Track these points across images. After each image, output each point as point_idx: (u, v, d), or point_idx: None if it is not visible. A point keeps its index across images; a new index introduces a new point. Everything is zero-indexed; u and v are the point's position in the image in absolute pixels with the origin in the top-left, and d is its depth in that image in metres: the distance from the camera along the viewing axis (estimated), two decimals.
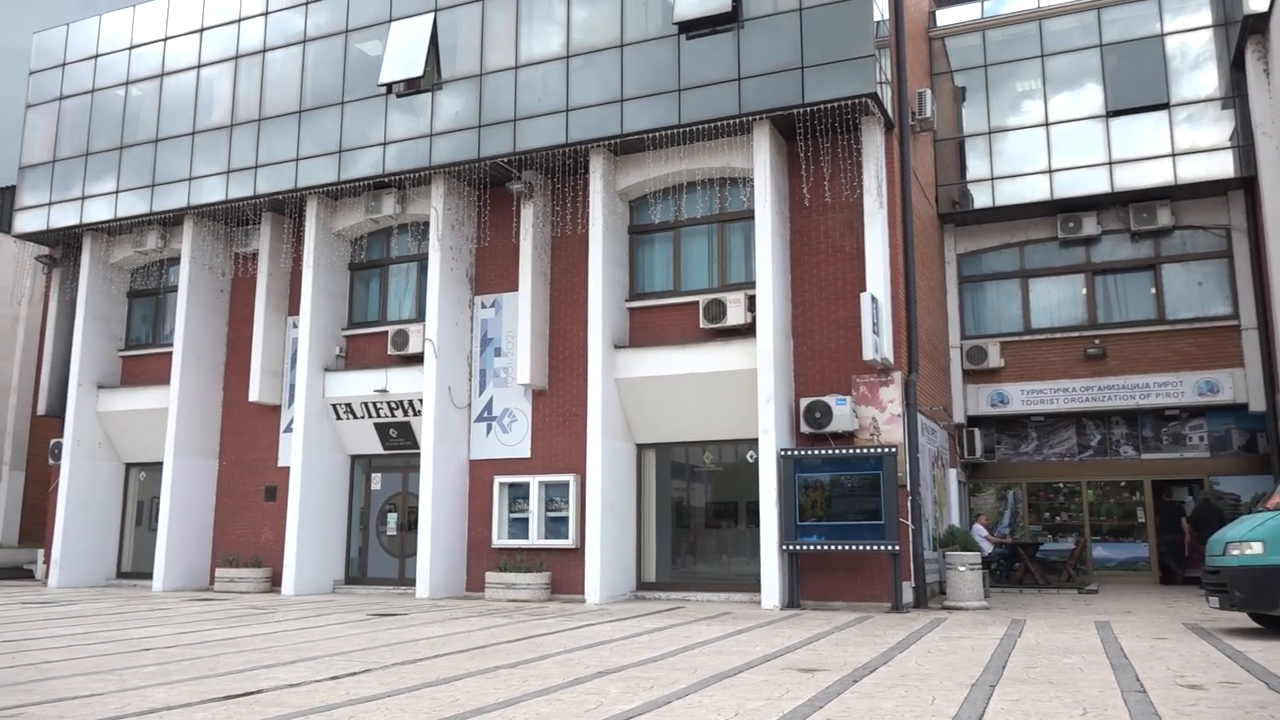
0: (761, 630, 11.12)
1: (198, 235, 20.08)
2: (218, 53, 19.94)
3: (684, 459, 17.03)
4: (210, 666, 8.13)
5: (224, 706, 6.21)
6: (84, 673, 7.80)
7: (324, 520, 18.46)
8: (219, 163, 19.40)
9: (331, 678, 7.45)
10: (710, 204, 16.83)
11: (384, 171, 17.82)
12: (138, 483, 21.48)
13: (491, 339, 18.04)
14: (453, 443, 17.52)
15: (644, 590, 16.49)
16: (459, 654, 8.97)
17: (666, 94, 15.80)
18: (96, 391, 20.97)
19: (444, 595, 16.88)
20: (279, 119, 18.97)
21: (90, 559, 20.63)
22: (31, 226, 21.41)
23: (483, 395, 17.93)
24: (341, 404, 18.71)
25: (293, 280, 19.70)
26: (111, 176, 20.52)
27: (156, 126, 20.23)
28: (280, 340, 19.59)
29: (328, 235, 19.11)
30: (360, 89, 18.26)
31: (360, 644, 9.82)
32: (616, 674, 7.65)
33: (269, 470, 19.54)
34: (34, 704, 6.28)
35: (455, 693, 6.76)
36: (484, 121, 17.11)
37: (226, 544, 19.67)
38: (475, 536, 17.57)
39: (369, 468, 19.17)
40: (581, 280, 16.97)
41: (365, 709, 6.12)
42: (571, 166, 17.14)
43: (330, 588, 18.45)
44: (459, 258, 18.07)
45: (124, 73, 20.87)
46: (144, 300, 21.85)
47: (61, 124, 21.36)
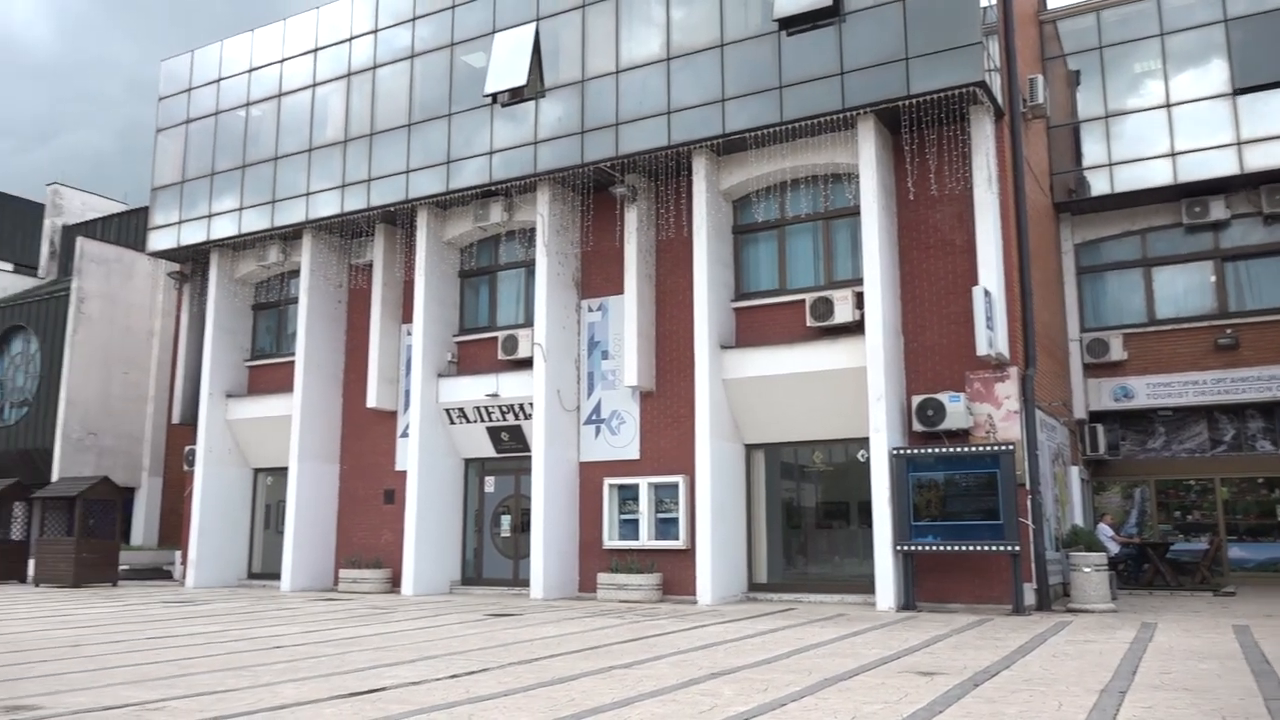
0: (877, 632, 10.94)
1: (316, 248, 20.83)
2: (331, 71, 20.65)
3: (793, 459, 16.87)
4: (336, 664, 8.42)
5: (350, 703, 6.42)
6: (220, 669, 8.17)
7: (440, 522, 18.92)
8: (334, 177, 20.09)
9: (451, 676, 7.63)
10: (815, 201, 16.64)
11: (491, 180, 18.18)
12: (265, 487, 22.40)
13: (598, 342, 18.20)
14: (563, 445, 17.74)
15: (755, 591, 16.41)
16: (574, 654, 9.08)
17: (768, 92, 15.70)
18: (225, 400, 21.95)
19: (557, 596, 17.11)
20: (389, 133, 19.53)
21: (223, 560, 21.60)
22: (163, 244, 22.55)
23: (591, 398, 18.11)
24: (455, 408, 19.14)
25: (406, 289, 20.25)
26: (235, 194, 21.46)
27: (275, 145, 21.07)
28: (395, 348, 20.17)
29: (438, 244, 19.59)
30: (466, 100, 18.66)
31: (477, 643, 10.03)
32: (730, 675, 7.63)
33: (387, 474, 20.13)
34: (176, 698, 6.61)
35: (571, 692, 6.84)
36: (587, 127, 17.29)
37: (348, 546, 20.34)
38: (586, 538, 17.75)
39: (482, 471, 19.56)
40: (686, 281, 16.99)
41: (484, 707, 6.25)
42: (674, 168, 17.18)
43: (448, 588, 18.90)
44: (565, 262, 18.30)
45: (244, 94, 21.80)
46: (267, 312, 22.77)
47: (189, 146, 22.44)
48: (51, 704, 6.38)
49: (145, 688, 7.11)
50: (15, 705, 6.33)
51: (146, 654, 9.29)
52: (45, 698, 6.64)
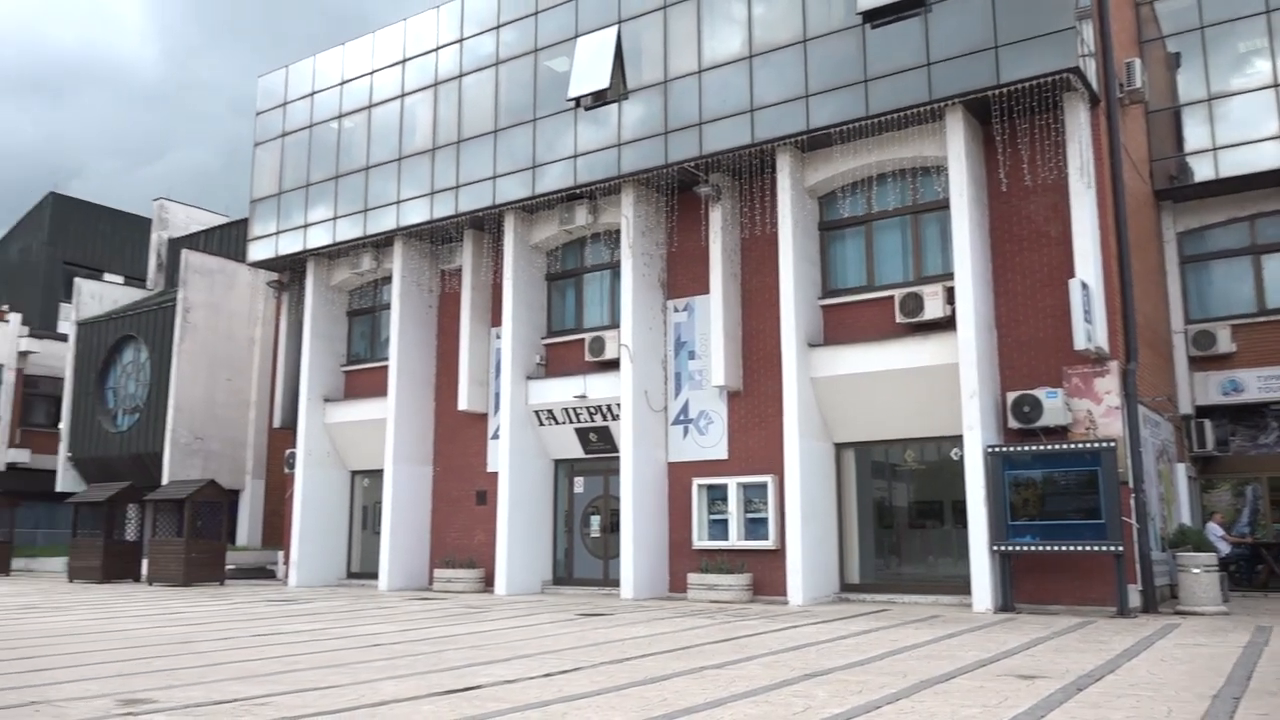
0: (974, 634, 10.71)
1: (407, 255, 21.29)
2: (418, 81, 21.08)
3: (884, 458, 16.62)
4: (433, 662, 8.59)
5: (447, 700, 6.54)
6: (322, 666, 8.41)
7: (531, 523, 19.15)
8: (423, 185, 20.51)
9: (544, 675, 7.72)
10: (902, 195, 16.37)
11: (575, 183, 18.33)
12: (362, 489, 22.97)
13: (685, 342, 18.21)
14: (651, 445, 17.79)
15: (847, 592, 16.21)
16: (665, 654, 9.10)
17: (852, 86, 15.50)
18: (323, 404, 22.58)
19: (647, 596, 17.16)
20: (476, 139, 19.85)
21: (323, 560, 22.23)
22: (262, 255, 23.32)
23: (678, 398, 18.13)
24: (543, 410, 19.35)
25: (494, 293, 20.55)
26: (329, 204, 22.07)
27: (367, 155, 21.60)
28: (485, 351, 20.49)
29: (525, 248, 19.83)
30: (550, 105, 18.85)
31: (569, 643, 10.12)
32: (823, 677, 7.56)
33: (479, 475, 20.46)
34: (281, 693, 6.83)
35: (663, 692, 6.86)
36: (670, 127, 17.31)
37: (442, 546, 20.73)
38: (676, 538, 17.77)
39: (571, 471, 19.74)
40: (773, 279, 16.87)
41: (577, 706, 6.31)
42: (758, 166, 17.08)
43: (539, 588, 19.11)
44: (650, 263, 18.34)
45: (336, 107, 22.40)
46: (361, 318, 23.36)
47: (285, 159, 23.15)
48: (165, 698, 6.65)
49: (252, 683, 7.36)
50: (132, 698, 6.62)
51: (252, 651, 9.62)
52: (160, 692, 6.93)
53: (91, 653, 9.53)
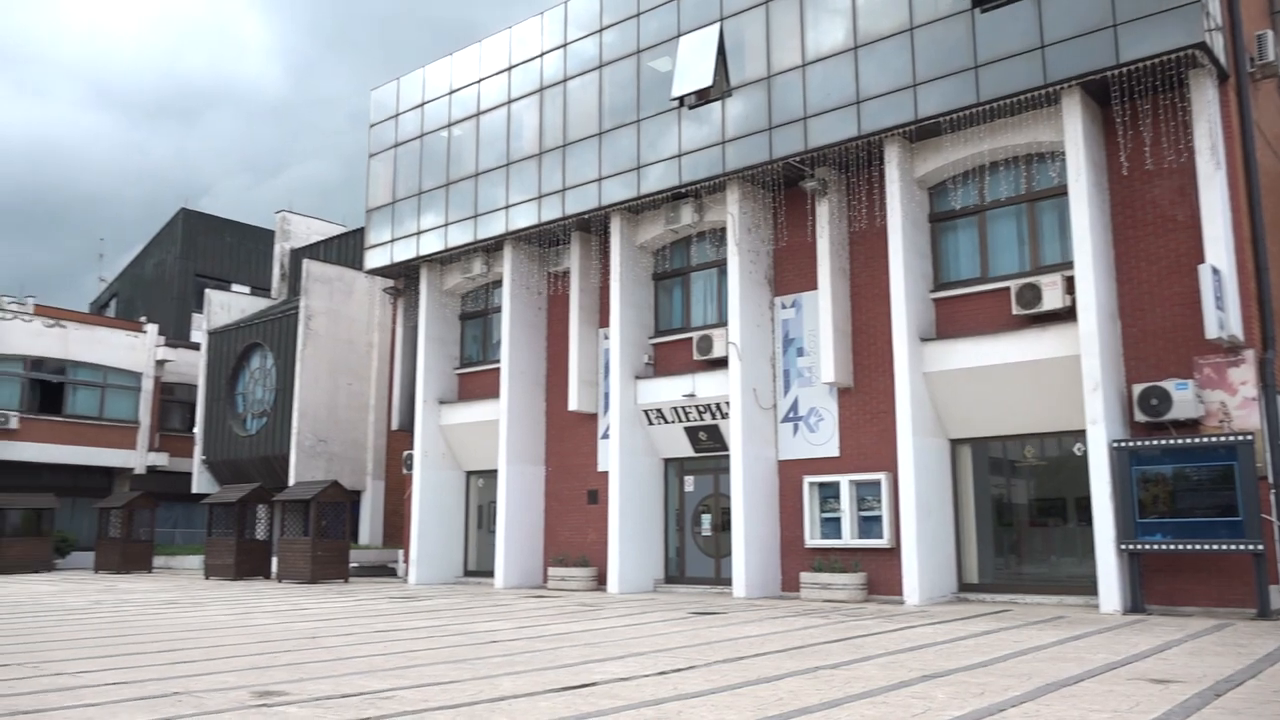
0: (1101, 636, 10.32)
1: (516, 259, 21.67)
2: (524, 87, 21.42)
3: (1001, 454, 16.16)
4: (549, 659, 8.72)
5: (563, 697, 6.64)
6: (442, 661, 8.63)
7: (642, 522, 19.27)
8: (530, 189, 20.84)
9: (658, 673, 7.76)
10: (1017, 183, 15.89)
11: (680, 182, 18.36)
12: (476, 489, 23.48)
13: (793, 339, 18.05)
14: (760, 444, 17.69)
15: (966, 592, 15.82)
16: (778, 653, 9.04)
17: (962, 73, 15.11)
18: (439, 407, 23.16)
19: (759, 595, 17.08)
20: (581, 142, 20.06)
21: (441, 558, 22.80)
22: (378, 262, 24.06)
23: (788, 395, 17.98)
24: (653, 409, 19.44)
25: (602, 294, 20.74)
26: (440, 211, 22.63)
27: (476, 161, 22.06)
28: (594, 352, 20.70)
29: (631, 249, 19.96)
30: (653, 105, 18.92)
31: (682, 641, 10.15)
32: (943, 678, 7.40)
33: (590, 475, 20.68)
34: (404, 688, 7.04)
35: (778, 692, 6.82)
36: (774, 123, 17.18)
37: (556, 545, 21.03)
38: (788, 536, 17.63)
39: (681, 470, 19.78)
40: (882, 273, 16.59)
41: (692, 704, 6.32)
42: (865, 158, 16.81)
43: (651, 586, 19.21)
44: (757, 260, 18.25)
45: (446, 116, 22.94)
46: (474, 322, 23.87)
47: (398, 169, 23.83)
48: (296, 691, 6.93)
49: (376, 677, 7.61)
50: (266, 690, 6.92)
51: (376, 646, 9.94)
52: (291, 684, 7.22)
53: (227, 646, 9.99)
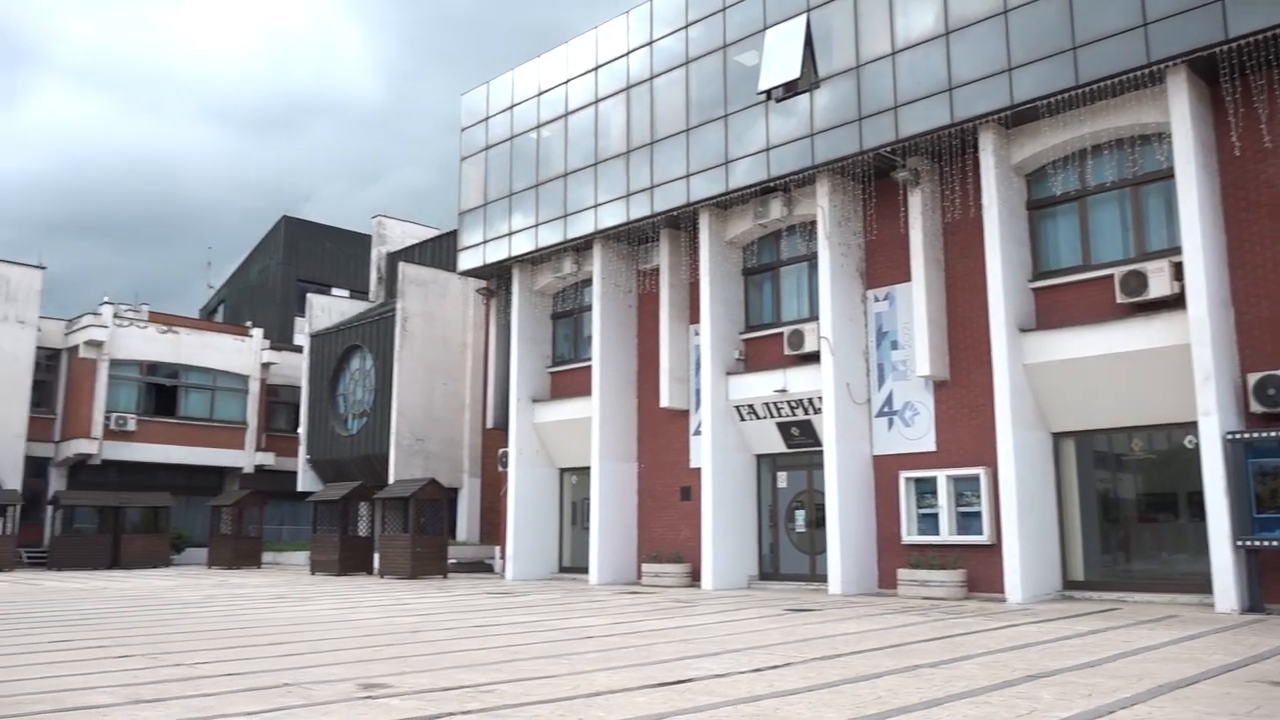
0: (1217, 636, 9.91)
1: (606, 257, 21.81)
2: (611, 86, 21.54)
3: (1107, 447, 15.65)
4: (644, 655, 8.77)
5: (660, 693, 6.67)
6: (539, 656, 8.75)
7: (735, 518, 19.21)
8: (619, 188, 20.94)
9: (754, 670, 7.74)
10: (1119, 167, 15.34)
11: (769, 176, 18.23)
12: (570, 486, 23.72)
13: (887, 332, 17.77)
14: (854, 439, 17.47)
15: (1071, 589, 15.35)
16: (876, 651, 8.92)
17: (1059, 55, 14.65)
18: (532, 405, 23.46)
19: (855, 592, 16.87)
20: (668, 139, 20.08)
21: (536, 554, 23.11)
22: (471, 264, 24.48)
23: (882, 390, 17.71)
24: (744, 405, 19.36)
25: (691, 290, 20.73)
26: (531, 212, 22.91)
27: (565, 161, 22.27)
28: (684, 348, 20.71)
29: (720, 244, 19.90)
30: (740, 99, 18.83)
31: (778, 638, 10.09)
32: (1048, 678, 7.20)
33: (682, 471, 20.70)
34: (503, 682, 7.16)
35: (876, 690, 6.73)
36: (864, 113, 16.93)
37: (649, 541, 21.11)
38: (884, 532, 17.38)
39: (774, 466, 19.65)
40: (978, 264, 16.20)
41: (789, 702, 6.29)
42: (959, 147, 16.44)
43: (745, 583, 19.14)
44: (848, 253, 18.01)
45: (534, 117, 23.21)
46: (565, 320, 24.11)
47: (488, 171, 24.21)
48: (399, 683, 7.11)
49: (476, 671, 7.75)
50: (370, 683, 7.12)
51: (475, 641, 10.13)
52: (394, 677, 7.41)
53: (333, 640, 10.30)
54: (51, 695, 6.66)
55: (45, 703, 6.35)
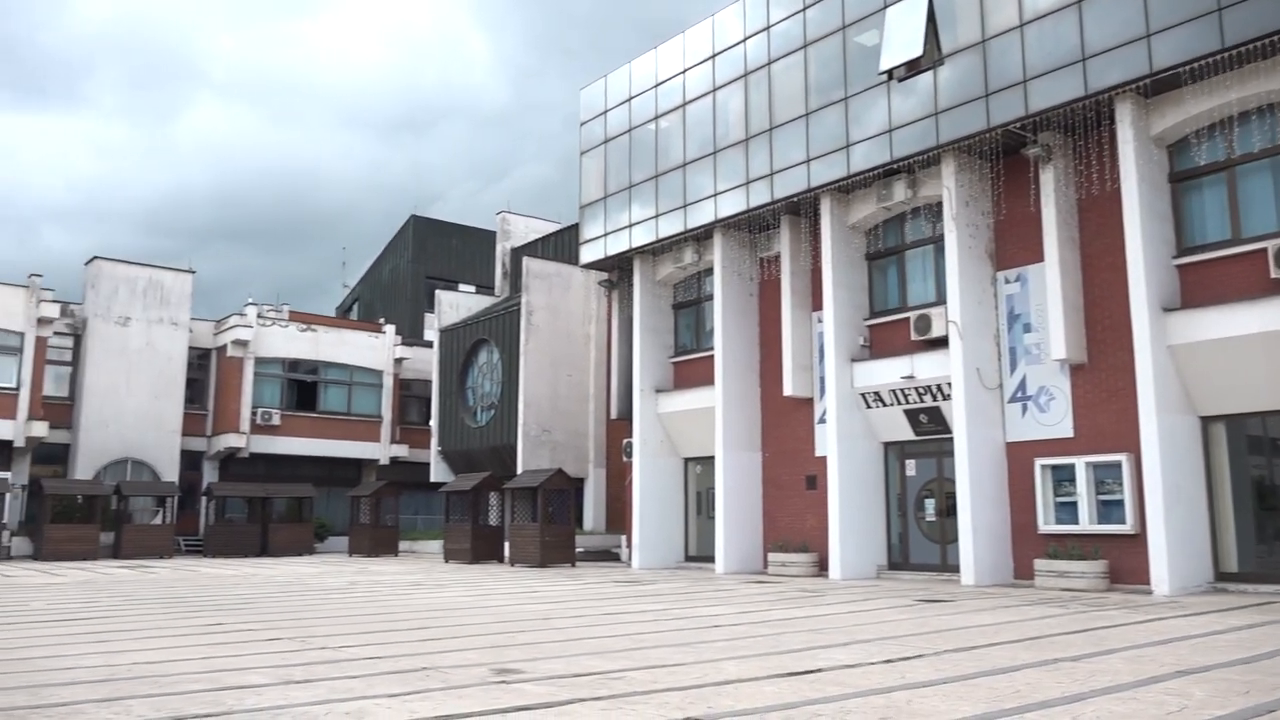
0: None
1: (726, 246, 21.73)
2: (729, 74, 21.42)
3: (1261, 431, 14.77)
4: (772, 644, 8.73)
5: (789, 682, 6.64)
6: (667, 644, 8.82)
7: (863, 507, 18.92)
8: (738, 176, 20.83)
9: (885, 661, 7.62)
10: (1272, 133, 14.42)
11: (891, 158, 17.84)
12: (694, 475, 23.78)
13: (1019, 315, 17.18)
14: (986, 425, 16.97)
15: (1223, 581, 14.56)
16: (1012, 644, 8.66)
17: (1203, 17, 13.87)
18: (655, 395, 23.60)
19: (989, 582, 16.40)
20: (787, 125, 19.86)
21: (662, 543, 23.26)
22: (592, 256, 24.75)
23: (1014, 374, 17.14)
24: (870, 392, 19.03)
25: (813, 277, 20.48)
26: (650, 203, 23.01)
27: (683, 151, 22.27)
28: (807, 335, 20.48)
29: (842, 229, 19.59)
30: (860, 81, 18.47)
31: (909, 629, 9.90)
32: (1199, 674, 6.86)
33: (807, 460, 20.49)
34: (632, 669, 7.25)
35: (1014, 683, 6.54)
36: (990, 89, 16.38)
37: (775, 530, 20.99)
38: (1019, 521, 16.83)
39: (902, 454, 19.26)
40: (1116, 241, 15.50)
41: (922, 694, 6.17)
42: (1093, 119, 15.73)
43: (874, 573, 18.84)
44: (976, 234, 17.48)
45: (652, 109, 23.29)
46: (686, 310, 24.15)
47: (608, 164, 24.42)
48: (532, 669, 7.28)
49: (606, 658, 7.86)
50: (504, 668, 7.31)
51: (604, 628, 10.27)
52: (526, 663, 7.59)
53: (467, 625, 10.60)
54: (209, 675, 7.06)
55: (203, 682, 6.74)
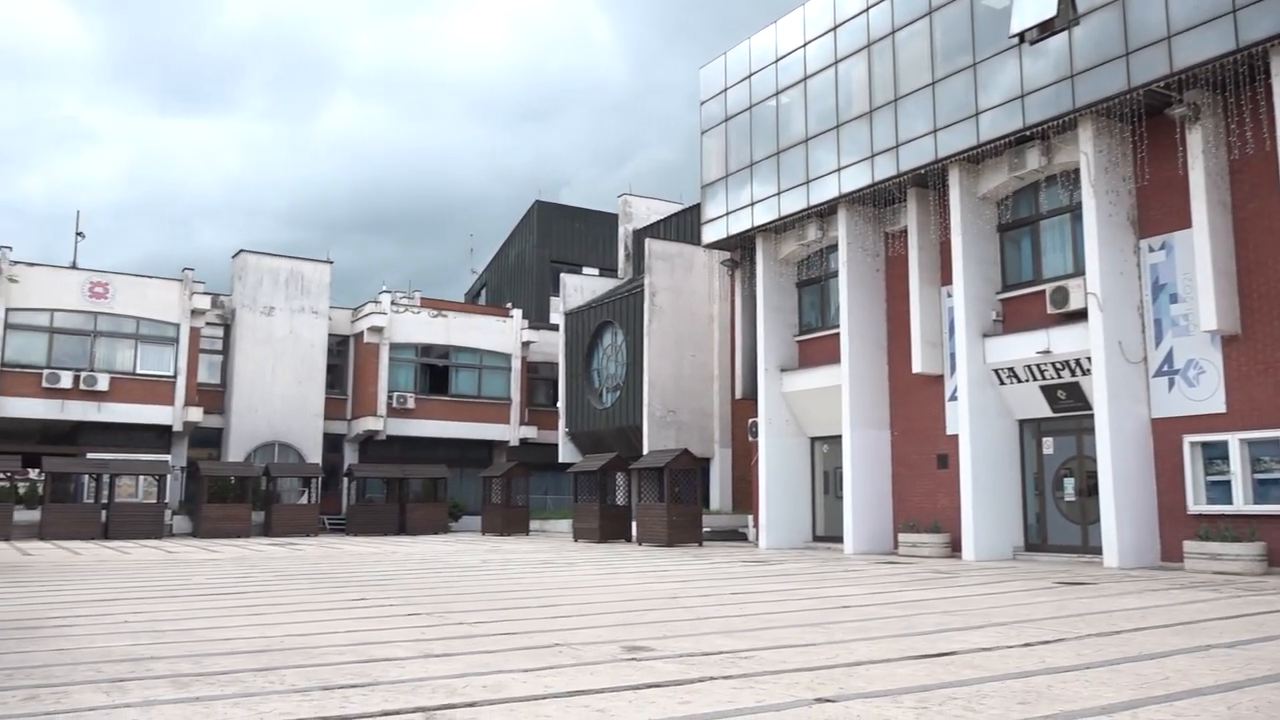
0: None
1: (850, 221, 21.34)
2: (850, 45, 20.97)
3: None
4: (904, 626, 8.59)
5: (922, 665, 6.52)
6: (797, 624, 8.77)
7: (997, 486, 18.38)
8: (862, 149, 20.40)
9: (1023, 644, 7.40)
10: None
11: (1024, 125, 17.17)
12: (821, 454, 23.52)
13: (1164, 284, 16.35)
14: (1129, 401, 16.24)
15: None
16: (1161, 628, 8.29)
17: None
18: (780, 374, 23.42)
19: (1134, 565, 15.72)
20: (912, 95, 19.33)
21: (789, 523, 23.11)
22: (714, 236, 24.67)
23: (1159, 347, 16.34)
24: (1003, 368, 18.44)
25: (942, 250, 19.93)
26: (772, 181, 22.76)
27: (805, 126, 21.94)
28: (936, 311, 19.96)
29: (972, 201, 18.98)
30: (989, 46, 17.81)
31: (1048, 612, 9.59)
32: None
33: (938, 438, 20.02)
34: (761, 649, 7.24)
35: (1162, 670, 6.27)
36: (1131, 47, 15.57)
37: (904, 510, 20.60)
38: (1166, 501, 16.07)
39: (1038, 432, 18.61)
40: (1273, 203, 14.59)
41: (1063, 679, 5.97)
42: (1246, 75, 14.79)
43: (1009, 554, 18.30)
44: (1116, 201, 16.69)
45: (773, 85, 23.00)
46: (810, 288, 23.84)
47: (728, 143, 24.26)
48: (661, 647, 7.35)
49: (734, 638, 7.88)
50: (634, 646, 7.40)
51: (733, 608, 10.29)
52: (656, 641, 7.67)
53: (597, 604, 10.78)
54: (355, 647, 7.39)
55: (349, 654, 7.06)
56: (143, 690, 5.66)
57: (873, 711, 5.05)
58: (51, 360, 30.94)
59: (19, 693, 5.59)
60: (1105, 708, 5.13)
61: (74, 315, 31.61)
